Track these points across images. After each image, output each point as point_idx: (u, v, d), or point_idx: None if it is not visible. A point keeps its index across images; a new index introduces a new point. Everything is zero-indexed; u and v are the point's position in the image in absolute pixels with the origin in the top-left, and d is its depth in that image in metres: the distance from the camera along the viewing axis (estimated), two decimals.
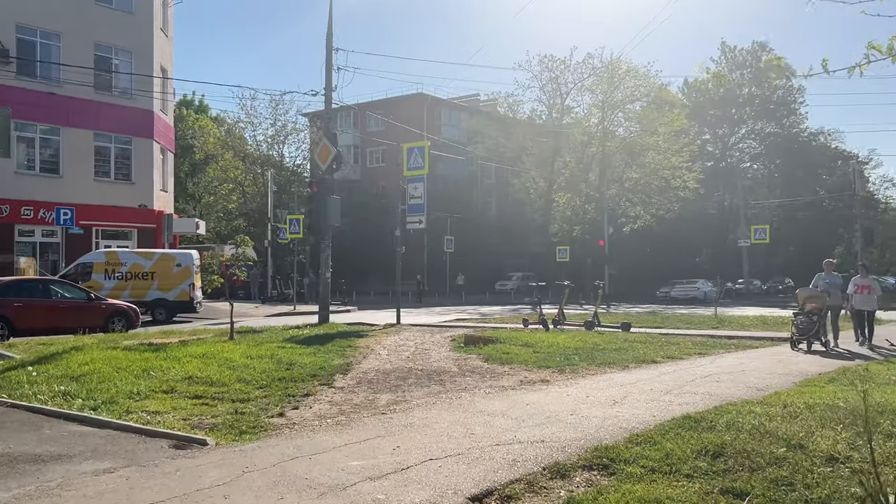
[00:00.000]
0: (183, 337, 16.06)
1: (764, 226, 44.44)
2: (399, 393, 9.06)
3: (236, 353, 11.77)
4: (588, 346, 14.13)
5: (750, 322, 22.39)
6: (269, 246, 42.38)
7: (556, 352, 13.05)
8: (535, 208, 60.03)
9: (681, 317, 25.59)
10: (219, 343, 13.62)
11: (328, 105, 22.10)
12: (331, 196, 21.64)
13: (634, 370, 11.03)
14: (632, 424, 6.87)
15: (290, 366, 10.90)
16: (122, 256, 27.77)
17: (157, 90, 35.54)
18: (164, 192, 37.39)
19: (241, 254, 14.68)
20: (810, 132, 76.83)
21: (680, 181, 54.62)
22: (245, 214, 57.17)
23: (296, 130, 56.28)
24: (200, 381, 9.40)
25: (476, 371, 10.93)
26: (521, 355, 12.47)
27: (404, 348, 14.40)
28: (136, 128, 34.23)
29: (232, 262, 14.82)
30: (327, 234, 22.01)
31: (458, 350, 13.79)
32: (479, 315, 31.36)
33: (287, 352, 12.55)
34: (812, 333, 14.42)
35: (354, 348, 13.93)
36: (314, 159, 22.75)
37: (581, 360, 11.98)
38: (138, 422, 7.22)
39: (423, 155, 22.53)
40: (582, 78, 54.45)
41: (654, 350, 13.76)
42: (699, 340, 16.38)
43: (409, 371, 10.99)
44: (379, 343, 15.31)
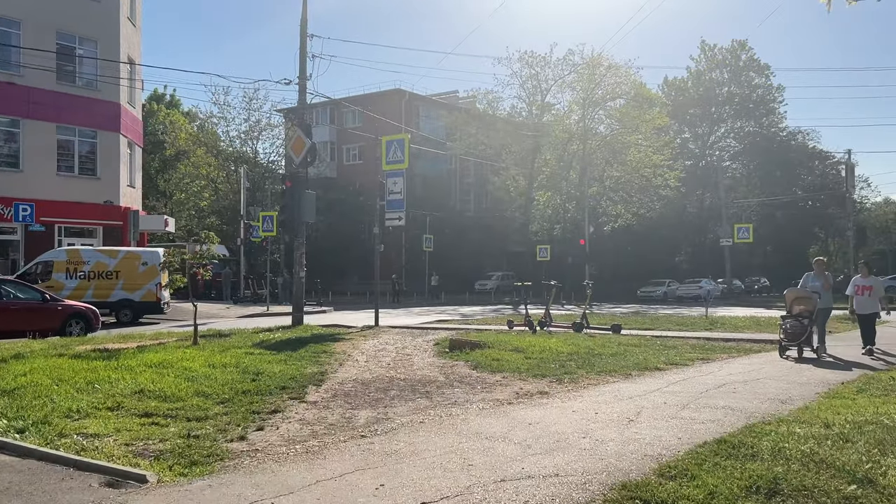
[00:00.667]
0: (143, 341, 14.82)
1: (747, 224, 43.83)
2: (380, 408, 7.94)
3: (197, 361, 10.59)
4: (582, 350, 13.10)
5: (743, 323, 21.54)
6: (242, 244, 40.97)
7: (550, 357, 12.01)
8: (515, 207, 59.12)
9: (670, 318, 24.70)
10: (180, 349, 12.42)
11: (302, 94, 20.91)
12: (305, 191, 20.48)
13: (639, 379, 10.00)
14: (657, 450, 5.82)
15: (257, 376, 9.73)
16: (85, 255, 26.37)
17: (125, 81, 34.10)
18: (132, 188, 35.92)
19: (205, 251, 13.44)
20: (789, 131, 76.69)
21: (661, 179, 54.02)
22: (218, 212, 55.66)
23: (270, 126, 54.86)
24: (153, 395, 8.22)
25: (465, 381, 9.84)
26: (513, 362, 11.40)
27: (384, 354, 13.28)
28: (101, 121, 32.74)
29: (195, 260, 13.53)
30: (301, 232, 20.83)
31: (443, 356, 12.70)
32: (459, 316, 30.30)
33: (255, 359, 11.37)
34: (803, 339, 12.99)
35: (330, 354, 12.78)
36: (288, 152, 21.49)
37: (578, 368, 10.94)
38: (70, 449, 6.05)
39: (402, 148, 21.39)
40: (562, 74, 53.72)
41: (654, 355, 12.76)
42: (697, 343, 15.44)
43: (391, 381, 9.88)
44: (357, 348, 14.17)
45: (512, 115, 57.40)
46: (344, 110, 63.60)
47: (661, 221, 60.94)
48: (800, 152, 75.61)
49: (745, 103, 72.80)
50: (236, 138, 54.67)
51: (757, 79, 74.47)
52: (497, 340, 14.20)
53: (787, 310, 13.98)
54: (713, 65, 75.26)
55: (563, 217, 55.21)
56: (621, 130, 53.41)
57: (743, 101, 72.74)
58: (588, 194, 51.10)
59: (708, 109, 72.86)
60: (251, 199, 47.86)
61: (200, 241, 13.65)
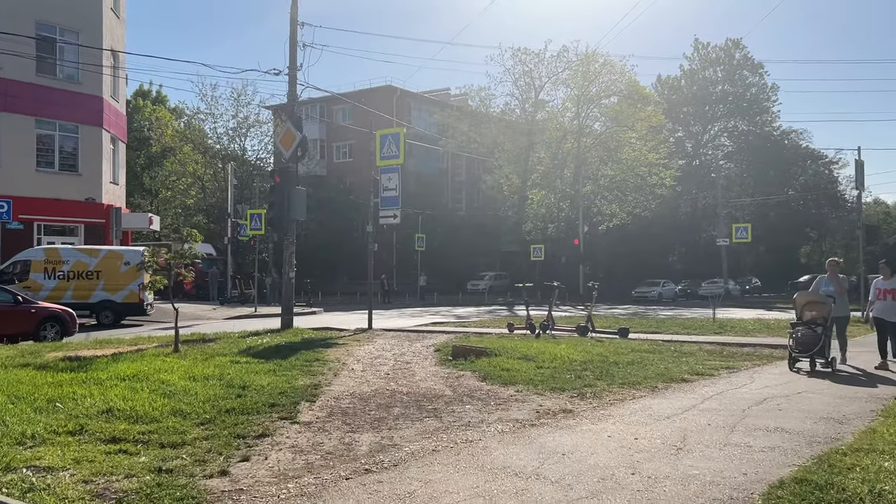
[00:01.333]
0: (120, 347, 13.74)
1: (745, 224, 43.04)
2: (384, 431, 6.92)
3: (177, 372, 9.54)
4: (596, 358, 12.12)
5: (752, 326, 20.63)
6: (230, 243, 39.82)
7: (564, 367, 11.02)
8: (509, 206, 58.15)
9: (674, 320, 23.77)
10: (159, 357, 11.35)
11: (292, 85, 19.83)
12: (295, 187, 19.42)
13: (668, 394, 9.02)
14: (726, 492, 4.83)
15: (242, 390, 8.68)
16: (64, 254, 25.24)
17: (108, 74, 32.91)
18: (115, 184, 34.70)
19: (186, 251, 12.37)
20: (782, 131, 76.07)
21: (657, 178, 53.18)
22: (205, 210, 54.49)
23: (258, 123, 53.71)
24: (123, 415, 7.17)
25: (475, 395, 8.83)
26: (524, 372, 10.41)
27: (382, 361, 12.27)
28: (83, 115, 31.54)
29: (177, 260, 12.46)
30: (291, 230, 19.78)
31: (447, 364, 11.70)
32: (454, 318, 29.32)
33: (241, 369, 10.33)
34: (816, 349, 11.30)
35: (323, 362, 11.75)
36: (277, 146, 20.43)
37: (597, 380, 9.96)
38: (16, 489, 5.00)
39: (397, 143, 20.37)
40: (557, 71, 52.71)
41: (673, 363, 11.80)
42: (713, 349, 14.49)
43: (393, 395, 8.86)
44: (351, 355, 13.15)
45: (505, 113, 56.40)
46: (334, 107, 62.51)
47: (654, 221, 60.08)
48: (793, 152, 75.01)
49: (738, 102, 72.10)
50: (224, 135, 53.52)
51: (751, 77, 73.83)
52: (502, 346, 13.18)
53: (797, 316, 12.32)
54: (707, 63, 74.56)
55: (557, 216, 54.28)
56: (616, 128, 52.50)
57: (737, 99, 72.04)
58: (582, 193, 50.19)
59: (701, 108, 72.14)
60: (239, 196, 46.74)
61: (182, 240, 12.60)
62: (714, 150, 75.03)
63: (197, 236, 12.62)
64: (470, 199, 67.34)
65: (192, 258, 12.51)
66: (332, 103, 61.53)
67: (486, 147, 55.99)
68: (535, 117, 53.80)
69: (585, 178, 52.39)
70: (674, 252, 73.12)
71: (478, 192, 65.46)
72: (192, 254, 12.43)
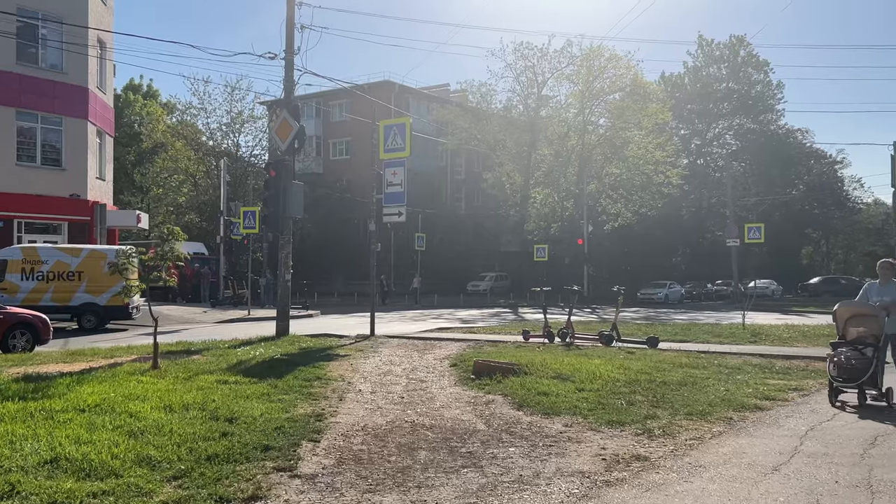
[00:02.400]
0: (93, 360, 12.10)
1: (758, 224, 41.21)
2: (413, 491, 5.27)
3: (151, 399, 7.90)
4: (639, 377, 10.52)
5: (787, 335, 19.03)
6: (222, 242, 38.14)
7: (608, 389, 9.41)
8: (510, 205, 56.59)
9: (699, 326, 22.09)
10: (133, 376, 9.71)
11: (289, 70, 18.17)
12: (292, 181, 17.79)
13: (750, 428, 7.40)
14: None
15: (230, 423, 7.04)
16: (43, 253, 23.53)
17: (94, 64, 31.23)
18: (101, 180, 32.97)
19: (166, 251, 10.74)
20: (787, 129, 74.59)
21: (663, 177, 51.63)
22: (197, 208, 52.78)
23: (253, 118, 51.94)
24: (72, 466, 5.51)
25: (516, 431, 7.19)
26: (565, 397, 8.79)
27: (392, 380, 10.64)
28: (67, 106, 29.81)
29: (156, 261, 10.82)
30: (287, 229, 18.13)
31: (469, 384, 10.08)
32: (459, 322, 27.65)
33: (229, 392, 8.69)
34: (867, 378, 8.72)
35: (325, 381, 10.12)
36: (272, 137, 18.80)
37: (654, 407, 8.36)
38: None
39: (403, 134, 18.73)
40: (560, 67, 51.15)
41: (731, 384, 10.20)
42: (761, 364, 12.90)
43: (415, 430, 7.22)
44: (356, 370, 11.52)
45: (507, 109, 54.80)
46: (331, 103, 60.88)
47: (658, 221, 58.57)
48: (797, 150, 73.58)
49: (743, 100, 70.61)
50: (217, 131, 51.77)
51: (756, 75, 72.39)
52: (529, 362, 11.56)
53: (840, 334, 9.56)
54: (711, 60, 73.12)
55: (560, 215, 52.67)
56: (622, 125, 50.91)
57: (742, 97, 70.55)
58: (587, 192, 48.61)
59: (706, 106, 70.63)
60: (233, 194, 45.04)
61: (164, 239, 10.97)
62: (719, 148, 73.44)
63: (180, 235, 10.99)
64: (469, 197, 65.76)
65: (175, 259, 10.88)
66: (329, 99, 59.91)
67: (487, 144, 54.44)
68: (537, 113, 52.19)
69: (590, 177, 50.80)
70: (677, 253, 71.59)
71: (478, 190, 63.89)
72: (175, 255, 10.81)
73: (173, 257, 10.77)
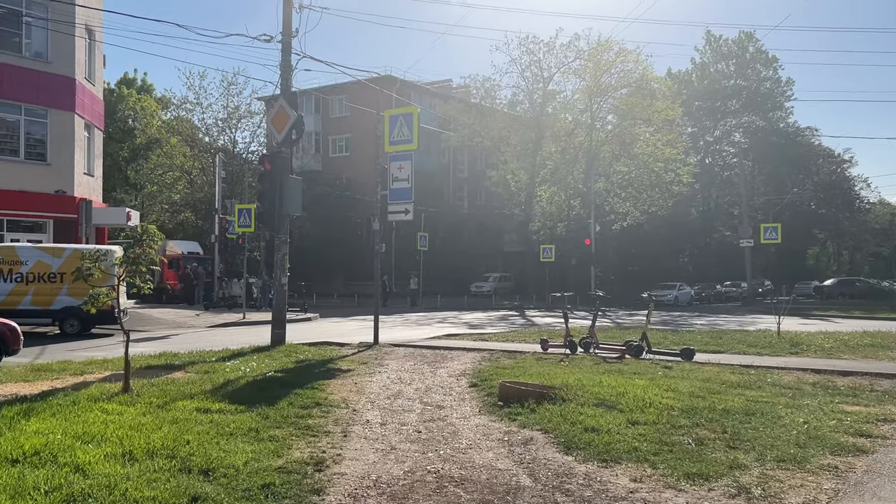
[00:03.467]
0: (60, 378, 10.54)
1: (775, 224, 39.88)
2: None
3: (107, 443, 6.32)
4: (693, 401, 8.97)
5: (829, 345, 17.45)
6: (217, 241, 36.53)
7: (665, 421, 7.84)
8: (515, 203, 54.99)
9: (729, 334, 20.47)
10: (98, 403, 8.13)
11: (286, 54, 16.59)
12: (289, 175, 16.22)
13: (872, 485, 5.80)
14: None
15: (204, 479, 5.46)
16: (22, 253, 21.91)
17: (82, 53, 29.65)
18: (90, 176, 31.37)
19: (139, 255, 9.18)
20: (796, 128, 73.04)
21: (673, 175, 50.04)
22: (192, 206, 51.17)
23: (250, 114, 50.35)
24: None
25: (573, 490, 5.59)
26: (618, 433, 7.21)
27: (405, 405, 9.09)
28: (53, 98, 28.22)
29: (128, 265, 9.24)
30: (284, 227, 16.56)
31: (496, 412, 8.51)
32: (467, 327, 26.11)
33: (209, 427, 7.12)
34: None
35: (326, 409, 8.56)
36: (268, 128, 17.23)
37: (730, 447, 6.81)
38: None
39: (410, 125, 17.18)
40: (567, 61, 49.45)
41: (804, 411, 8.65)
42: (819, 382, 11.33)
43: (441, 487, 5.63)
44: (362, 391, 9.96)
45: (512, 105, 53.19)
46: (330, 98, 59.31)
47: (665, 221, 57.00)
48: (806, 149, 72.01)
49: (752, 97, 69.09)
50: (213, 126, 50.16)
51: (764, 72, 70.90)
52: (560, 381, 10.01)
53: None
54: (719, 57, 71.71)
55: (567, 215, 51.06)
56: (631, 122, 49.31)
57: (750, 94, 69.02)
58: (594, 190, 47.00)
59: (713, 103, 69.08)
60: (229, 192, 43.48)
61: (137, 239, 9.41)
62: (728, 146, 71.91)
63: (157, 235, 9.42)
64: (472, 196, 64.21)
65: (149, 264, 9.31)
66: (328, 94, 58.39)
67: (491, 141, 52.84)
68: (543, 109, 50.58)
69: (597, 175, 49.16)
70: (684, 253, 70.04)
71: (481, 189, 62.36)
72: (149, 258, 9.24)
73: (147, 261, 9.20)
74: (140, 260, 9.14)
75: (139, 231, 9.34)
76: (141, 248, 9.15)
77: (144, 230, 9.27)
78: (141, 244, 9.20)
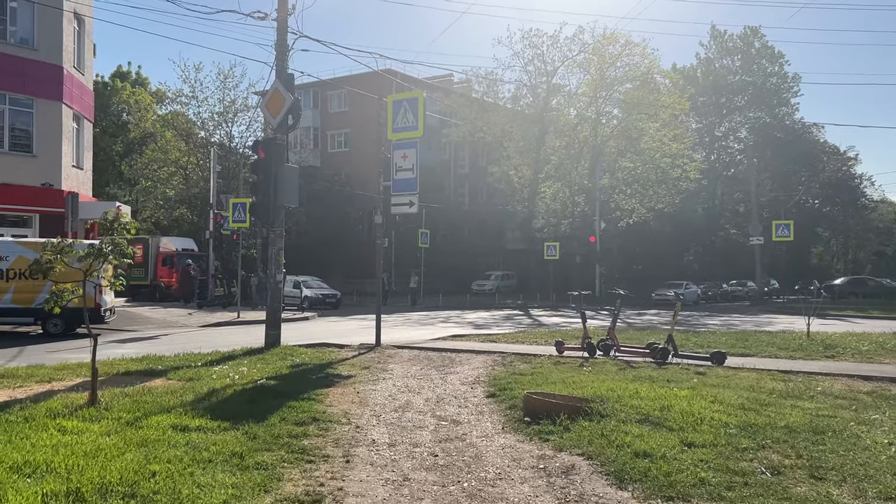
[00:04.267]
0: (24, 386, 9.33)
1: (788, 222, 38.67)
2: None
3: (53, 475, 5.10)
4: (748, 416, 7.78)
5: (866, 347, 16.24)
6: (212, 237, 35.29)
7: (721, 441, 6.63)
8: (518, 200, 53.76)
9: (755, 336, 19.22)
10: (55, 420, 6.91)
11: (282, 32, 15.35)
12: (284, 164, 15.00)
13: None
14: None
15: None
16: (2, 248, 20.68)
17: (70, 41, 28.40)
18: (79, 169, 30.11)
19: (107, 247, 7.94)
20: (802, 124, 71.84)
21: (680, 171, 48.78)
22: (188, 202, 49.86)
23: (246, 107, 48.96)
24: None
25: None
26: (675, 458, 6.00)
27: (413, 417, 7.89)
28: (39, 87, 26.95)
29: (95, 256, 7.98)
30: (279, 220, 15.33)
31: (523, 430, 7.31)
32: (472, 327, 24.90)
33: (184, 452, 5.90)
34: None
35: (324, 425, 7.36)
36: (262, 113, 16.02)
37: (816, 479, 5.62)
38: None
39: (415, 110, 15.98)
40: (571, 54, 48.20)
41: (876, 429, 7.46)
42: (876, 391, 10.16)
43: None
44: (364, 402, 8.76)
45: (515, 99, 51.90)
46: (329, 93, 58.15)
47: (671, 218, 55.84)
48: (812, 146, 70.83)
49: (757, 93, 67.86)
50: (209, 121, 48.79)
51: (770, 67, 69.66)
52: (592, 391, 8.81)
53: None
54: (724, 52, 70.44)
55: (571, 211, 49.83)
56: (637, 116, 48.07)
57: (756, 90, 67.78)
58: (599, 186, 45.76)
59: (718, 99, 67.87)
60: (225, 187, 42.22)
61: (106, 228, 8.18)
62: (734, 143, 70.71)
63: (131, 225, 8.18)
64: (473, 193, 62.95)
65: (123, 258, 8.07)
66: (327, 88, 57.25)
67: (493, 136, 51.60)
68: (547, 104, 49.33)
69: (602, 171, 47.92)
70: (689, 251, 68.83)
71: (482, 185, 61.13)
72: (120, 251, 8.00)
73: (118, 253, 7.97)
74: (107, 253, 7.90)
75: (108, 218, 8.10)
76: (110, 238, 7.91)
77: (115, 217, 8.04)
78: (111, 233, 7.97)
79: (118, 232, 8.01)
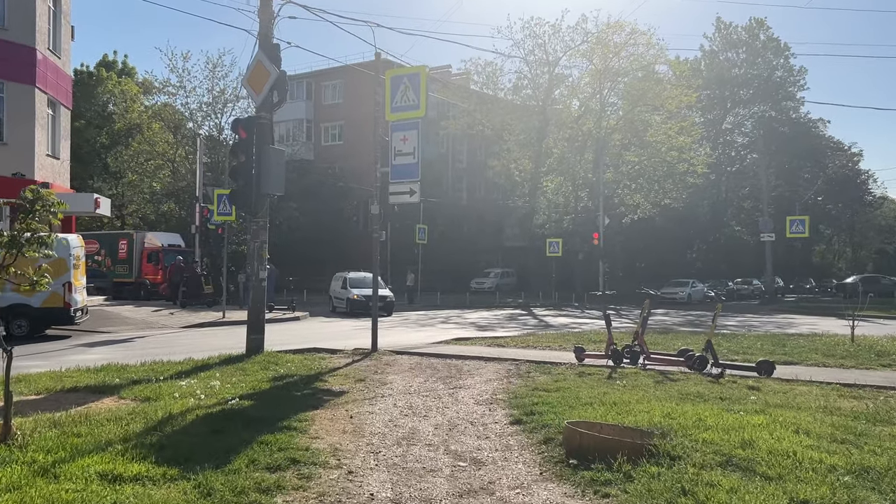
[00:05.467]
0: None
1: (803, 217, 36.98)
2: None
3: None
4: (854, 453, 6.04)
5: None
6: (198, 232, 33.41)
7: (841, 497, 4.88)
8: (518, 195, 51.96)
9: (797, 341, 17.33)
10: None
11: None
12: (268, 146, 13.17)
13: None
14: None
15: None
16: None
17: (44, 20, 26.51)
18: (54, 158, 28.19)
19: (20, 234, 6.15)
20: (809, 118, 70.20)
21: (686, 165, 46.99)
22: (175, 195, 47.90)
23: (237, 98, 46.98)
24: None
25: None
26: None
27: (421, 455, 6.11)
28: (9, 69, 25.01)
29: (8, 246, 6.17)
30: (262, 209, 13.50)
31: (569, 478, 5.52)
32: (474, 328, 23.11)
33: None
34: None
35: (307, 470, 5.56)
36: (245, 88, 14.17)
37: None
38: None
39: (416, 87, 14.19)
40: (574, 44, 46.35)
41: None
42: None
43: None
44: (359, 431, 6.97)
45: (515, 91, 50.00)
46: (323, 84, 56.26)
47: (675, 214, 54.11)
48: (817, 141, 69.23)
49: (763, 86, 66.14)
50: (198, 111, 46.82)
51: (775, 60, 67.97)
52: (646, 418, 7.05)
53: None
54: (728, 44, 68.72)
55: (574, 207, 48.03)
56: (642, 108, 46.30)
57: (761, 84, 66.07)
58: (603, 181, 43.99)
59: (723, 92, 66.14)
60: (214, 181, 40.26)
61: (27, 209, 6.39)
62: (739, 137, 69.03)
63: (57, 204, 6.40)
64: (472, 188, 61.10)
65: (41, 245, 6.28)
66: (321, 79, 55.39)
67: (492, 129, 49.72)
68: (549, 95, 47.52)
69: (607, 164, 46.12)
70: (692, 248, 67.18)
71: (481, 180, 59.32)
72: (38, 238, 6.21)
73: (35, 241, 6.18)
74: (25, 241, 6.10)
75: (29, 197, 6.30)
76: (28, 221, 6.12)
77: (37, 195, 6.24)
78: (31, 216, 6.19)
79: (41, 215, 6.24)
